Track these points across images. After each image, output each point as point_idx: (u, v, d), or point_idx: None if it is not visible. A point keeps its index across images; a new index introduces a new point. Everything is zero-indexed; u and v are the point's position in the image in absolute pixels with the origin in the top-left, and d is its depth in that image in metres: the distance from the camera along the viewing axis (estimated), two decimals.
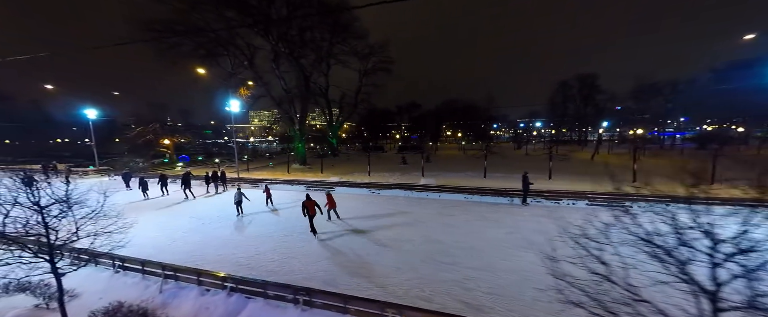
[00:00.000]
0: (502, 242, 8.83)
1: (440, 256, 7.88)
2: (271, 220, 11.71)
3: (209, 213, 13.07)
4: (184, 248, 9.00)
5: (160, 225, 11.27)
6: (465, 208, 12.85)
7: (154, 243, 9.29)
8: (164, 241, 9.47)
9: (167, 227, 10.93)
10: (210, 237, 9.88)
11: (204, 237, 9.89)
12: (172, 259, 7.73)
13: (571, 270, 6.84)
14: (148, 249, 8.75)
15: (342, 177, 21.90)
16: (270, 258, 8.08)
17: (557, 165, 22.23)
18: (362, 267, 7.36)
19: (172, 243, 9.46)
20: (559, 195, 13.64)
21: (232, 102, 21.17)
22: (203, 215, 12.66)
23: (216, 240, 9.66)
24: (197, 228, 10.93)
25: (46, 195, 5.10)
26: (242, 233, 10.25)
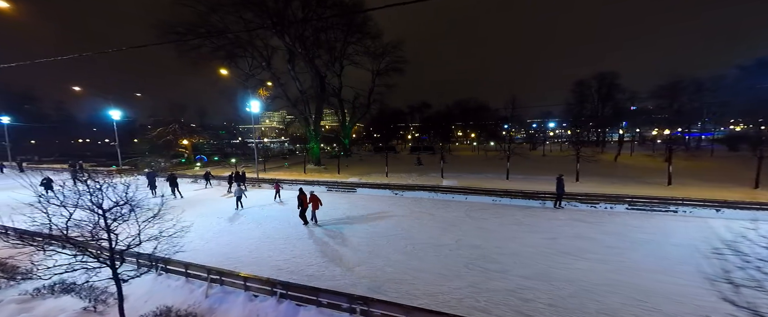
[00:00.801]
0: (546, 248, 8.41)
1: (484, 262, 7.53)
2: (299, 221, 11.55)
3: (236, 213, 13.04)
4: (218, 249, 8.92)
5: (194, 227, 11.26)
6: (495, 211, 12.43)
7: (187, 245, 9.22)
8: (198, 242, 9.41)
9: (197, 228, 10.90)
10: (241, 239, 9.78)
11: (235, 238, 9.80)
12: (209, 261, 7.63)
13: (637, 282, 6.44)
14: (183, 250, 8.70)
15: (361, 178, 21.70)
16: (308, 261, 7.89)
17: (582, 166, 21.42)
18: (405, 273, 7.07)
19: (205, 243, 9.41)
20: (593, 199, 13.05)
21: (252, 102, 21.22)
22: (230, 215, 12.63)
23: (248, 241, 9.54)
24: (226, 228, 10.87)
25: (105, 197, 4.97)
26: (273, 234, 10.11)
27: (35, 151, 44.44)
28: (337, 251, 8.52)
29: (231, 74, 28.88)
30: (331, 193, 17.27)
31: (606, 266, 7.22)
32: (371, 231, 10.27)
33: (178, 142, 30.48)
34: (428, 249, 8.55)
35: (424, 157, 36.95)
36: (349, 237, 9.70)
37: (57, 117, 52.49)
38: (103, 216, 4.76)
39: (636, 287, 6.26)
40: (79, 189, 4.86)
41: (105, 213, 4.76)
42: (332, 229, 10.49)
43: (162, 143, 28.84)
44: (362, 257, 8.06)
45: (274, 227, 10.98)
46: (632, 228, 9.91)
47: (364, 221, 11.45)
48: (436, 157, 41.97)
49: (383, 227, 10.69)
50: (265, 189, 19.16)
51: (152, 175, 19.37)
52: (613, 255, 7.83)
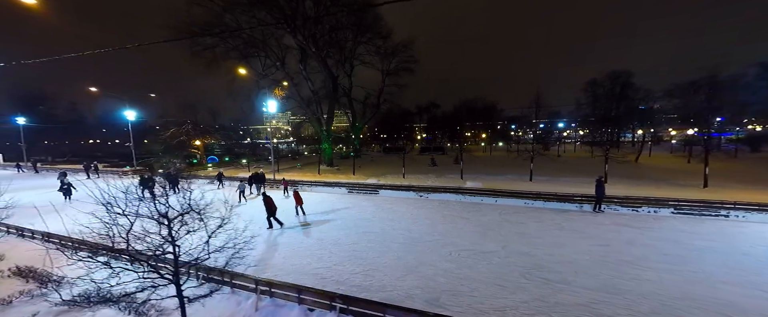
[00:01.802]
0: (602, 256, 7.87)
1: (541, 272, 7.02)
2: (331, 226, 11.13)
3: (262, 216, 12.64)
4: (253, 255, 8.50)
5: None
6: (531, 215, 11.89)
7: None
8: (232, 249, 9.00)
9: (226, 232, 10.51)
10: (274, 244, 9.39)
11: (268, 244, 9.41)
12: (243, 269, 7.24)
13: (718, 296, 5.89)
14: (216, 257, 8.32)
15: (379, 180, 21.25)
16: (350, 269, 7.45)
17: (600, 168, 20.70)
18: (460, 283, 6.59)
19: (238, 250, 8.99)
20: (634, 202, 12.44)
21: (269, 102, 20.89)
22: (257, 219, 12.24)
23: (282, 247, 9.14)
24: (256, 232, 10.46)
25: (162, 203, 4.57)
26: (305, 239, 9.70)
27: (48, 152, 44.78)
28: (379, 258, 8.07)
29: (245, 73, 28.62)
30: (353, 195, 16.84)
31: (677, 277, 6.67)
32: (408, 235, 9.81)
33: (191, 142, 30.34)
34: (475, 256, 8.06)
35: (436, 157, 36.38)
36: (386, 242, 9.24)
37: (69, 117, 52.91)
38: (168, 225, 4.35)
39: (719, 302, 5.71)
40: (143, 196, 4.46)
41: (170, 223, 4.35)
42: (366, 233, 10.05)
43: (176, 143, 28.70)
44: (408, 265, 7.60)
45: (304, 231, 10.57)
46: (687, 235, 9.31)
47: (396, 225, 10.99)
48: (446, 157, 41.53)
49: (419, 231, 10.22)
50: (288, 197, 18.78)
51: (171, 176, 19.19)
52: (679, 265, 7.26)
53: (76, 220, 8.67)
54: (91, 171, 24.77)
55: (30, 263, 8.07)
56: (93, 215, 4.61)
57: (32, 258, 8.40)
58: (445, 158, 39.50)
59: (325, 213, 12.79)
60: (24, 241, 9.66)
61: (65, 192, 14.92)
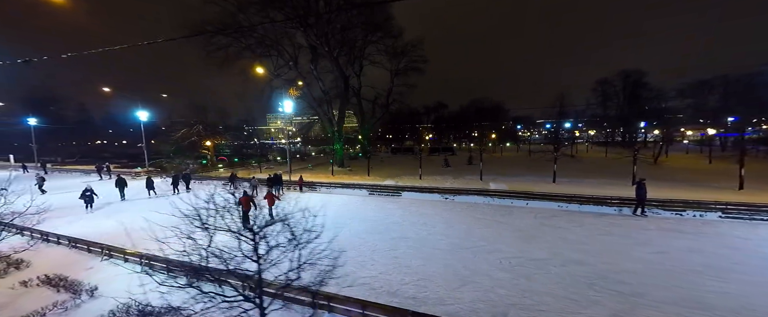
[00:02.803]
0: (665, 265, 7.35)
1: (608, 283, 6.52)
2: (363, 230, 10.67)
3: None
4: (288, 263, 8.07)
5: None
6: (569, 219, 11.37)
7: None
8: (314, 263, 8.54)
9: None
10: None
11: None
12: (342, 290, 6.81)
13: None
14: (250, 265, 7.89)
15: (397, 181, 20.80)
16: (399, 279, 6.98)
17: (626, 170, 20.07)
18: (523, 296, 6.11)
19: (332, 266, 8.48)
20: (677, 206, 11.89)
21: (286, 102, 20.51)
22: None
23: None
24: None
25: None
26: (342, 244, 9.23)
27: (57, 153, 44.74)
28: (424, 267, 7.60)
29: (258, 74, 28.31)
30: (375, 198, 16.37)
31: (760, 289, 6.15)
32: (447, 241, 9.33)
33: (202, 143, 30.05)
34: (528, 265, 7.56)
35: (448, 158, 35.85)
36: (426, 248, 8.77)
37: (78, 118, 52.93)
38: (253, 239, 3.91)
39: None
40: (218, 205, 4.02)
41: (256, 236, 3.90)
42: (402, 239, 9.59)
43: (187, 144, 28.41)
44: (459, 274, 7.12)
45: (337, 235, 10.11)
46: (743, 241, 8.77)
47: (431, 229, 10.52)
48: (457, 158, 40.96)
49: (457, 236, 9.74)
50: (303, 192, 18.38)
51: (187, 177, 18.89)
52: (755, 274, 6.74)
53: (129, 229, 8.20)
54: (104, 172, 24.52)
55: (57, 270, 7.67)
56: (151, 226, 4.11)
57: (60, 264, 8.02)
58: (457, 159, 38.91)
59: (353, 217, 12.32)
60: (48, 247, 9.28)
61: (87, 200, 13.62)
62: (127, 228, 10.97)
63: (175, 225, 4.04)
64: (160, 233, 4.37)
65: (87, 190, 13.61)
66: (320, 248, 4.39)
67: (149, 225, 9.63)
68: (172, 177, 18.52)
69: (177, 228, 4.01)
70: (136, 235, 10.40)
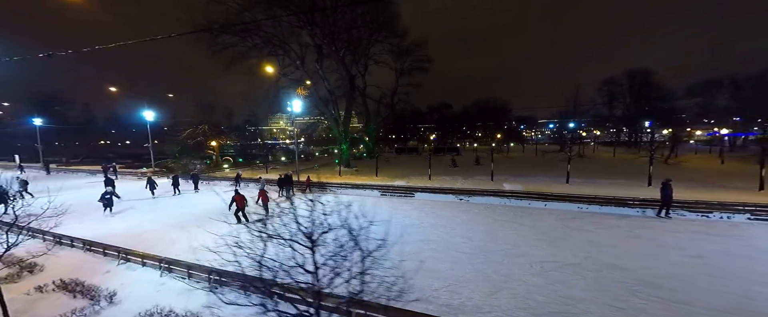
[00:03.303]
0: (705, 270, 7.05)
1: (650, 289, 6.22)
2: (382, 231, 10.37)
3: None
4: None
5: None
6: (592, 221, 11.07)
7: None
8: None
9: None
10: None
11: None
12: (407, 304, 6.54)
13: None
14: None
15: (408, 181, 20.51)
16: (428, 284, 6.69)
17: (638, 170, 19.74)
18: (564, 303, 5.82)
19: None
20: (701, 207, 11.58)
21: (295, 102, 20.26)
22: None
23: None
24: None
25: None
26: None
27: (62, 153, 44.63)
28: (453, 271, 7.32)
29: (265, 73, 28.09)
30: (388, 198, 16.09)
31: None
32: (471, 244, 9.05)
33: (207, 143, 29.86)
34: (562, 269, 7.27)
35: (455, 158, 35.53)
36: (451, 251, 8.49)
37: (83, 119, 52.82)
38: (311, 249, 3.64)
39: None
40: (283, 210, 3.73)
41: (314, 246, 3.61)
42: (425, 241, 9.30)
43: (193, 144, 28.22)
44: (491, 279, 6.84)
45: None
46: None
47: (451, 231, 10.24)
48: (462, 158, 40.66)
49: (480, 239, 9.46)
50: (311, 193, 18.12)
51: (196, 177, 18.69)
52: None
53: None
54: (110, 173, 24.32)
55: (72, 274, 7.42)
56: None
57: (75, 268, 7.77)
58: (463, 159, 38.59)
59: (368, 219, 12.03)
60: (61, 249, 9.03)
61: (107, 202, 12.68)
62: (139, 231, 10.80)
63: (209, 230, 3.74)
64: (182, 236, 4.06)
65: (107, 192, 12.83)
66: (377, 255, 4.03)
67: (175, 228, 9.29)
68: (173, 177, 18.46)
69: (230, 237, 3.74)
70: (149, 237, 10.23)
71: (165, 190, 17.92)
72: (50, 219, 6.12)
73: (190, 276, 6.70)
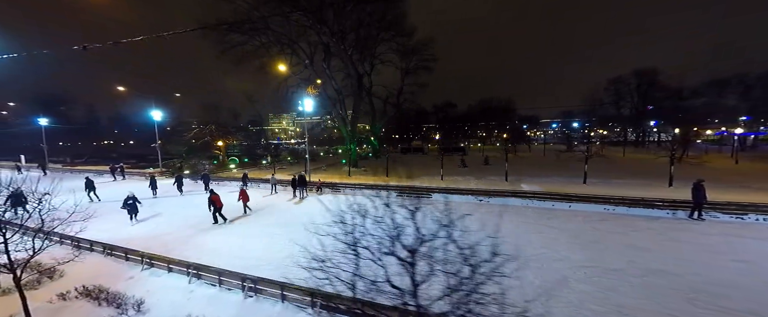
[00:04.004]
0: (758, 275, 6.72)
1: (708, 297, 5.89)
2: None
3: (316, 223, 11.60)
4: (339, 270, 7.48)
5: (286, 241, 9.88)
6: (622, 223, 10.73)
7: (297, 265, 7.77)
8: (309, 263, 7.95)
9: (289, 243, 9.45)
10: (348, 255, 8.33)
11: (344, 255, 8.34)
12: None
13: None
14: (299, 272, 7.30)
15: (422, 182, 20.19)
16: None
17: (663, 171, 19.32)
18: (620, 313, 5.50)
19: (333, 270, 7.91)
20: (731, 208, 11.24)
21: (306, 101, 19.95)
22: (312, 226, 11.21)
23: (361, 259, 8.09)
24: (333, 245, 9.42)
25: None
26: None
27: (66, 153, 44.35)
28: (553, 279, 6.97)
29: (272, 72, 27.80)
30: (404, 200, 15.73)
31: None
32: (503, 248, 8.70)
33: (214, 142, 29.56)
34: (607, 274, 6.94)
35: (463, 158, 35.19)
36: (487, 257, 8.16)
37: (87, 119, 52.53)
38: (410, 263, 3.31)
39: None
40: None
41: (414, 256, 3.27)
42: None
43: (200, 144, 27.92)
44: (536, 285, 6.52)
45: None
46: None
47: (480, 234, 9.89)
48: (470, 157, 40.28)
49: (513, 243, 8.98)
50: (322, 194, 17.81)
51: (206, 178, 18.40)
52: None
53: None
54: (117, 173, 24.03)
55: (94, 280, 7.11)
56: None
57: (96, 274, 7.46)
58: (470, 159, 38.23)
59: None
60: (80, 253, 8.71)
61: (131, 209, 11.62)
62: (157, 232, 10.44)
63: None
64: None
65: (130, 198, 11.61)
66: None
67: (193, 230, 8.80)
68: (176, 177, 18.29)
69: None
70: (168, 240, 9.88)
71: (164, 191, 17.81)
72: (75, 223, 5.77)
73: (221, 283, 6.38)
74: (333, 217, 3.84)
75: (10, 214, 5.90)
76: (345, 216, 3.70)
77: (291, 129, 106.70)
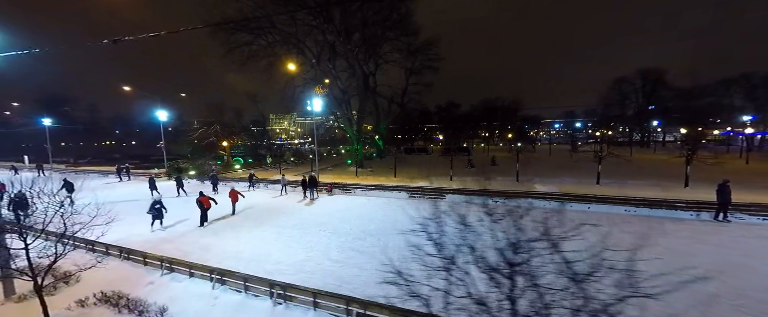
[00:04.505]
0: None
1: (762, 306, 5.64)
2: None
3: (336, 225, 11.37)
4: (363, 276, 7.23)
5: (301, 244, 9.61)
6: (649, 225, 10.46)
7: (332, 273, 7.47)
8: (341, 270, 7.69)
9: (313, 248, 9.20)
10: (374, 259, 8.06)
11: (369, 259, 8.09)
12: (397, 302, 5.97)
13: None
14: (337, 282, 7.04)
15: (431, 182, 19.92)
16: None
17: (675, 171, 19.02)
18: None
19: (355, 274, 7.54)
20: (753, 210, 10.99)
21: (315, 100, 19.70)
22: (335, 228, 10.97)
23: (389, 264, 7.82)
24: (351, 246, 9.18)
25: None
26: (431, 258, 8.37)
27: (69, 153, 44.09)
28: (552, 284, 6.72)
29: (278, 72, 27.58)
30: (420, 201, 15.48)
31: None
32: None
33: (219, 143, 29.32)
34: (650, 280, 6.65)
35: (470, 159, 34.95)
36: None
37: (90, 118, 52.28)
38: (511, 277, 3.04)
39: None
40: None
41: (514, 270, 2.96)
42: (490, 249, 8.71)
43: (205, 144, 27.69)
44: None
45: (419, 246, 9.24)
46: None
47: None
48: (474, 158, 40.02)
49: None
50: (332, 195, 17.56)
51: (214, 178, 18.15)
52: None
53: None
54: (123, 174, 23.80)
55: (112, 286, 6.86)
56: None
57: (114, 279, 7.20)
58: (475, 159, 37.97)
59: (408, 223, 11.43)
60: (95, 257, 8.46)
61: (157, 214, 10.86)
62: (171, 235, 10.16)
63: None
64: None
65: (156, 202, 10.85)
66: None
67: (207, 232, 8.42)
68: (176, 179, 18.19)
69: None
70: (183, 242, 9.59)
71: (166, 192, 17.57)
72: (98, 227, 5.52)
73: (247, 289, 6.12)
74: (416, 223, 3.55)
75: (8, 216, 5.65)
76: (426, 221, 3.42)
77: (291, 129, 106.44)
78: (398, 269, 3.30)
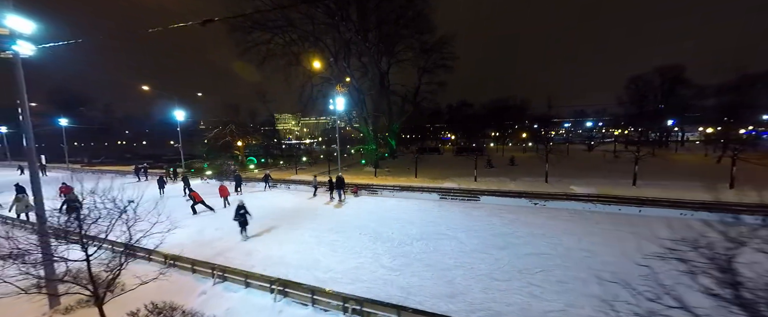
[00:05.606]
0: None
1: None
2: (479, 242, 9.22)
3: (376, 229, 10.83)
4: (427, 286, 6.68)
5: (347, 249, 9.08)
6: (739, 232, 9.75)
7: (391, 282, 6.94)
8: (401, 280, 7.13)
9: (360, 253, 8.67)
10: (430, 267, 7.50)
11: (425, 267, 7.53)
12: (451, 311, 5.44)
13: None
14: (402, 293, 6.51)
15: (455, 183, 19.33)
16: None
17: (707, 171, 18.04)
18: None
19: (417, 285, 7.01)
20: None
21: (337, 99, 19.23)
22: (375, 232, 10.44)
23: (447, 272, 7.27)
24: (400, 252, 8.63)
25: None
26: (481, 264, 7.80)
27: (82, 154, 44.25)
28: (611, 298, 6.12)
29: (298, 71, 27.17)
30: (453, 203, 14.81)
31: None
32: (599, 260, 7.90)
33: (234, 142, 29.03)
34: None
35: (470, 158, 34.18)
36: (583, 272, 7.31)
37: (104, 119, 52.52)
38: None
39: None
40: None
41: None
42: (537, 255, 8.13)
43: (221, 144, 27.42)
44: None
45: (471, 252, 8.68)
46: None
47: (558, 241, 9.08)
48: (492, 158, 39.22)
49: (609, 254, 8.31)
50: (359, 196, 17.04)
51: (238, 178, 17.79)
52: None
53: None
54: (141, 174, 23.58)
55: (160, 296, 6.37)
56: None
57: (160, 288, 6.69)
58: (493, 159, 37.21)
59: (452, 227, 10.87)
60: (136, 264, 8.01)
61: (242, 221, 9.69)
62: (206, 238, 9.52)
63: None
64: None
65: (240, 207, 9.57)
66: None
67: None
68: (183, 179, 17.97)
69: None
70: (221, 246, 9.03)
71: (176, 192, 17.46)
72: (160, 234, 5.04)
73: (315, 303, 5.59)
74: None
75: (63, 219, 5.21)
76: None
77: (296, 129, 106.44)
78: None
